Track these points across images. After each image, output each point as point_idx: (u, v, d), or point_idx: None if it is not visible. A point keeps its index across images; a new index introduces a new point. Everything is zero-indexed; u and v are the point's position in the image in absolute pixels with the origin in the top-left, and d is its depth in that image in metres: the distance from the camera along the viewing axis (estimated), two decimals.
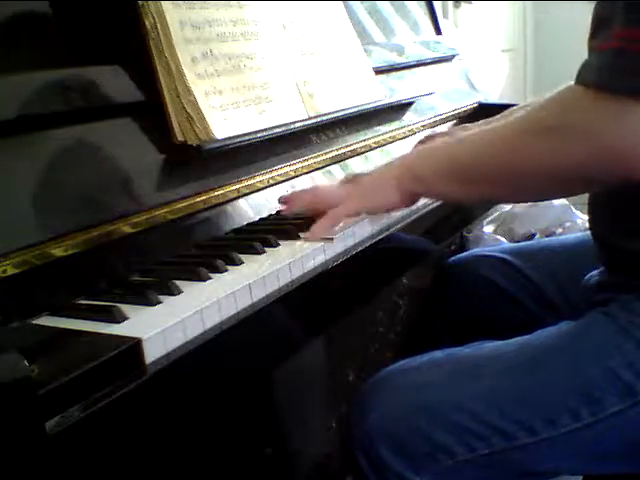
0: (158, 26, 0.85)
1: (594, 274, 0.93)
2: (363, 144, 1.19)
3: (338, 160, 1.12)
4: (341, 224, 0.86)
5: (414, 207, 0.98)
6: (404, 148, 1.29)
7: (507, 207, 1.81)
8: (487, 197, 0.86)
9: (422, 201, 1.01)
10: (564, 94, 0.72)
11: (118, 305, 0.65)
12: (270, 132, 0.98)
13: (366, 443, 0.82)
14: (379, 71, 1.26)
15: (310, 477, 1.23)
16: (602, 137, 0.67)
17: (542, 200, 0.97)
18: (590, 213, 0.90)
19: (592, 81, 0.68)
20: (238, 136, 0.92)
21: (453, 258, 1.25)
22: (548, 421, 0.78)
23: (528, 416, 0.78)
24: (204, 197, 0.87)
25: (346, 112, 1.14)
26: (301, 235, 0.85)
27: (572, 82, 0.71)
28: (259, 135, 0.96)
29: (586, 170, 0.71)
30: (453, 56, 1.60)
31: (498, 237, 1.69)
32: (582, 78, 0.69)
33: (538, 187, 0.77)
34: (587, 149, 0.68)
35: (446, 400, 0.81)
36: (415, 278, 1.46)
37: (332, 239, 0.82)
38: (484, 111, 1.48)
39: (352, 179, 0.92)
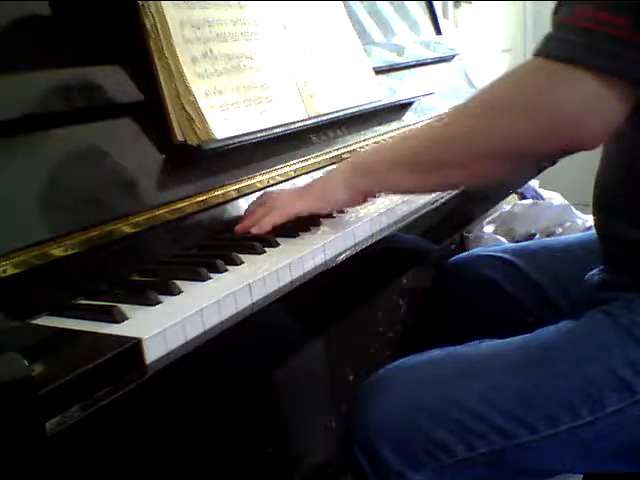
0: (158, 26, 0.85)
1: (595, 273, 0.93)
2: (363, 144, 1.19)
3: (338, 160, 1.12)
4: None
5: (414, 207, 0.99)
6: None
7: (507, 207, 1.81)
8: (442, 183, 0.86)
9: (422, 201, 1.01)
10: (520, 69, 0.74)
11: (118, 305, 0.65)
12: (270, 132, 0.98)
13: (366, 442, 0.82)
14: (379, 71, 1.26)
15: (310, 477, 1.23)
16: (557, 106, 0.69)
17: (492, 180, 1.01)
18: (595, 207, 0.90)
19: (551, 53, 0.70)
20: (238, 136, 0.92)
21: (453, 258, 1.25)
22: (548, 419, 0.78)
23: (528, 414, 0.78)
24: (204, 197, 0.87)
25: (346, 112, 1.14)
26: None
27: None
28: (259, 135, 0.96)
29: (536, 143, 0.72)
30: (453, 56, 1.60)
31: (498, 237, 1.69)
32: (539, 50, 0.71)
33: (491, 167, 0.77)
34: (540, 120, 0.70)
35: (446, 398, 0.81)
36: (415, 278, 1.46)
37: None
38: None
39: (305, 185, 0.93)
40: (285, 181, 1.01)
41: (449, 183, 0.86)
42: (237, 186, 0.92)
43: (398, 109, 1.32)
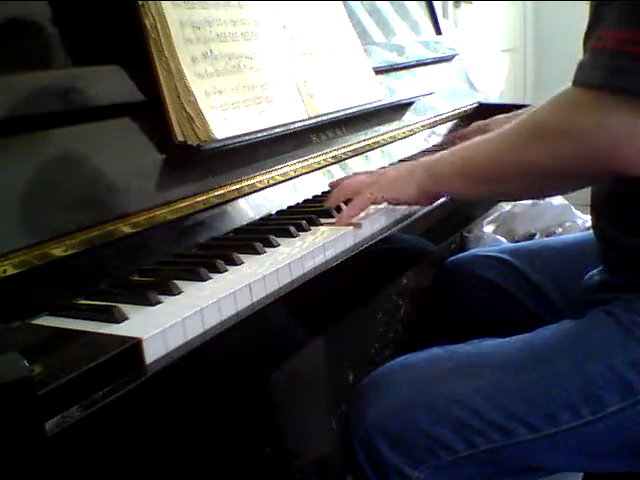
0: (158, 26, 0.85)
1: (594, 273, 0.93)
2: (363, 144, 1.19)
3: (338, 160, 1.12)
4: (363, 213, 0.92)
5: (414, 207, 0.99)
6: (404, 148, 1.29)
7: (507, 207, 1.81)
8: (496, 194, 0.94)
9: None
10: (560, 96, 0.76)
11: (118, 305, 0.65)
12: (270, 132, 0.98)
13: (365, 439, 0.82)
14: (379, 71, 1.26)
15: (310, 477, 1.23)
16: (594, 135, 0.71)
17: (548, 196, 1.07)
18: (592, 210, 0.91)
19: (584, 81, 0.71)
20: (238, 136, 0.92)
21: (452, 258, 1.25)
22: (548, 418, 0.78)
23: (528, 413, 0.78)
24: (204, 197, 0.87)
25: (346, 112, 1.14)
26: (328, 221, 0.92)
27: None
28: (259, 135, 0.96)
29: (581, 168, 0.75)
30: (453, 56, 1.60)
31: (498, 237, 1.69)
32: (575, 79, 0.72)
33: (540, 185, 0.82)
34: (580, 149, 0.72)
35: (445, 396, 0.81)
36: (415, 278, 1.46)
37: (360, 224, 0.90)
38: (484, 111, 1.48)
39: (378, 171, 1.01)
40: (285, 181, 1.01)
41: (508, 195, 0.93)
42: (237, 186, 0.93)
43: (398, 109, 1.32)
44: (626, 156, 0.70)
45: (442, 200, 1.00)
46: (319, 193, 1.06)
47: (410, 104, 1.36)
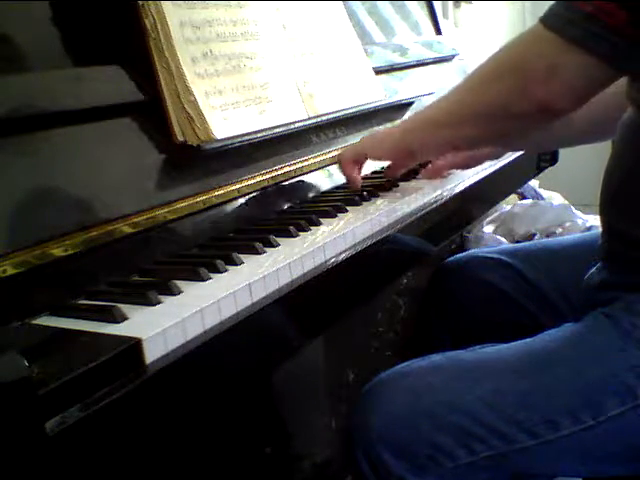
0: (158, 26, 0.85)
1: (594, 272, 0.92)
2: None
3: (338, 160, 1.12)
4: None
5: (414, 207, 0.99)
6: None
7: (507, 207, 1.81)
8: (454, 140, 0.92)
9: (422, 201, 1.01)
10: (522, 34, 0.79)
11: (118, 305, 0.65)
12: (270, 132, 0.98)
13: (367, 446, 0.82)
14: (379, 71, 1.26)
15: (310, 477, 1.23)
16: (533, 62, 0.75)
17: (504, 143, 1.07)
18: (601, 204, 0.90)
19: (556, 27, 0.73)
20: (238, 136, 0.92)
21: (450, 259, 1.25)
22: (549, 424, 0.78)
23: (529, 419, 0.78)
24: (204, 197, 0.87)
25: (346, 112, 1.14)
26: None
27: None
28: (259, 135, 0.96)
29: (518, 100, 0.77)
30: (453, 56, 1.60)
31: (498, 237, 1.69)
32: (546, 19, 0.75)
33: (493, 126, 0.84)
34: (518, 76, 0.76)
35: (447, 403, 0.81)
36: (415, 278, 1.46)
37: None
38: None
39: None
40: (285, 181, 1.01)
41: (462, 141, 0.92)
42: (237, 186, 0.92)
43: (398, 109, 1.32)
44: (550, 87, 0.73)
45: (442, 200, 1.00)
46: (319, 193, 1.06)
47: (410, 104, 1.36)
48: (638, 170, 0.78)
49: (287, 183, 1.01)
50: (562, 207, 1.78)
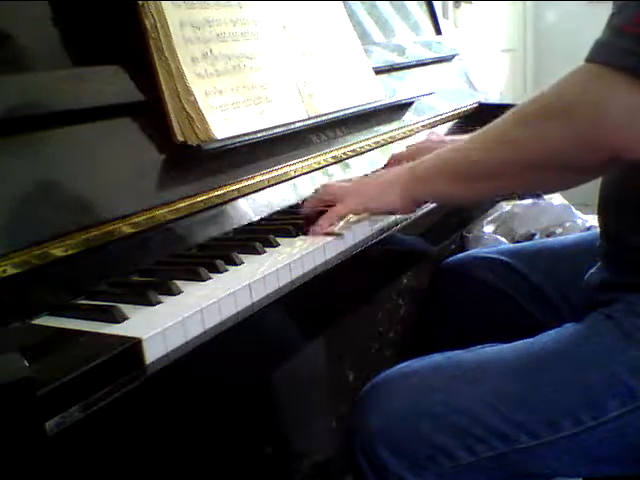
0: (158, 26, 0.85)
1: (594, 272, 0.92)
2: (363, 144, 1.19)
3: (338, 160, 1.12)
4: (343, 222, 0.88)
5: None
6: (404, 148, 1.29)
7: (507, 207, 1.81)
8: (491, 191, 0.86)
9: None
10: (567, 76, 0.71)
11: (118, 305, 0.65)
12: (270, 132, 0.98)
13: (367, 446, 0.82)
14: (379, 71, 1.26)
15: (310, 477, 1.23)
16: (599, 110, 0.67)
17: (548, 190, 0.99)
18: (599, 207, 0.90)
19: (606, 60, 0.67)
20: (238, 136, 0.92)
21: (450, 259, 1.25)
22: (549, 425, 0.78)
23: (529, 419, 0.78)
24: (204, 197, 0.87)
25: (346, 112, 1.14)
26: (308, 231, 0.87)
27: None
28: (259, 135, 0.96)
29: (580, 150, 0.70)
30: (453, 56, 1.60)
31: (498, 237, 1.69)
32: (594, 56, 0.69)
33: (539, 177, 0.77)
34: (581, 126, 0.68)
35: (447, 403, 0.81)
36: (415, 278, 1.46)
37: (341, 234, 0.85)
38: (484, 111, 1.48)
39: (360, 178, 0.95)
40: (285, 181, 1.01)
41: (503, 191, 0.86)
42: (237, 186, 0.92)
43: (398, 109, 1.32)
44: (626, 137, 0.67)
45: None
46: None
47: (410, 104, 1.36)
48: (632, 178, 0.78)
49: (287, 183, 1.01)
50: (562, 207, 1.78)
